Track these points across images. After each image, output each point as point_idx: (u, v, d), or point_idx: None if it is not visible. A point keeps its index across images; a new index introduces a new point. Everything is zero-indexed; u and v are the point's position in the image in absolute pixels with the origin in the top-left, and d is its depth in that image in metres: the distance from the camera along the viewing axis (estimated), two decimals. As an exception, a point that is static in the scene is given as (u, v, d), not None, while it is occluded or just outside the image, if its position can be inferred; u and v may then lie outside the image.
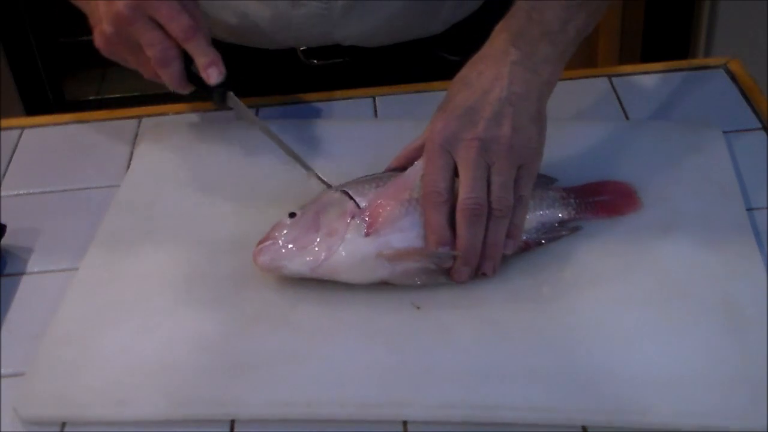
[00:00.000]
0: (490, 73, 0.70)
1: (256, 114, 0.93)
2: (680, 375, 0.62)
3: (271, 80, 1.02)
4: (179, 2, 0.77)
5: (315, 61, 0.98)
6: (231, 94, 0.81)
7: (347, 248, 0.69)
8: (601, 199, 0.76)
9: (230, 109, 0.83)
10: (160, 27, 0.77)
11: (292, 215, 0.71)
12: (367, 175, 0.75)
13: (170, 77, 0.79)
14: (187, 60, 0.79)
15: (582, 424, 0.61)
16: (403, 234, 0.69)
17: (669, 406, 0.61)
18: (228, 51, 1.02)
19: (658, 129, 0.85)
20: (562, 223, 0.74)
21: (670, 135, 0.84)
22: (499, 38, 0.72)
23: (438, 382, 0.63)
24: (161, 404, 0.63)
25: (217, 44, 1.01)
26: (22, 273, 0.76)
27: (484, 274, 0.70)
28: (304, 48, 0.98)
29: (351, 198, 0.71)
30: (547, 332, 0.66)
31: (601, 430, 0.61)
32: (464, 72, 0.72)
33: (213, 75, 0.79)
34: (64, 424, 0.63)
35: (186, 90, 0.81)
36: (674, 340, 0.65)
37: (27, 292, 0.74)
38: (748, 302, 0.67)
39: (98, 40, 0.79)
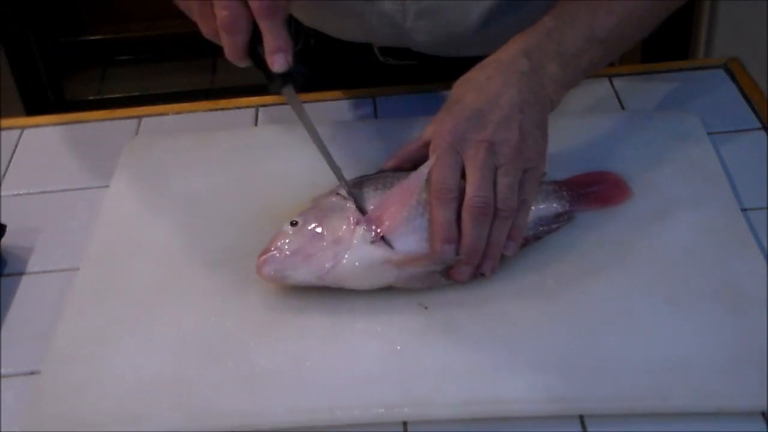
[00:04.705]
0: (500, 78, 0.71)
1: (256, 116, 0.93)
2: (690, 359, 0.64)
3: (346, 72, 1.01)
4: None
5: (390, 59, 0.98)
6: (291, 87, 0.73)
7: (353, 256, 0.68)
8: (593, 190, 0.77)
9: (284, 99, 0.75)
10: None
11: (293, 224, 0.70)
12: (364, 176, 0.75)
13: (231, 46, 0.72)
14: (256, 35, 0.71)
15: (593, 413, 0.62)
16: (409, 239, 0.69)
17: (682, 391, 0.62)
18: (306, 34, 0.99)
19: (637, 119, 0.86)
20: (557, 216, 0.74)
21: (649, 124, 0.85)
22: (513, 46, 0.73)
23: (452, 379, 0.63)
24: (177, 419, 0.62)
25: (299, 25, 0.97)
26: (22, 273, 0.76)
27: (482, 275, 0.70)
28: (380, 46, 0.97)
29: (353, 201, 0.71)
30: (555, 325, 0.67)
31: (612, 416, 0.61)
32: (472, 74, 0.73)
33: (278, 62, 0.71)
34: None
35: (242, 64, 0.73)
36: (680, 324, 0.66)
37: (27, 292, 0.74)
38: (747, 282, 0.69)
39: None
